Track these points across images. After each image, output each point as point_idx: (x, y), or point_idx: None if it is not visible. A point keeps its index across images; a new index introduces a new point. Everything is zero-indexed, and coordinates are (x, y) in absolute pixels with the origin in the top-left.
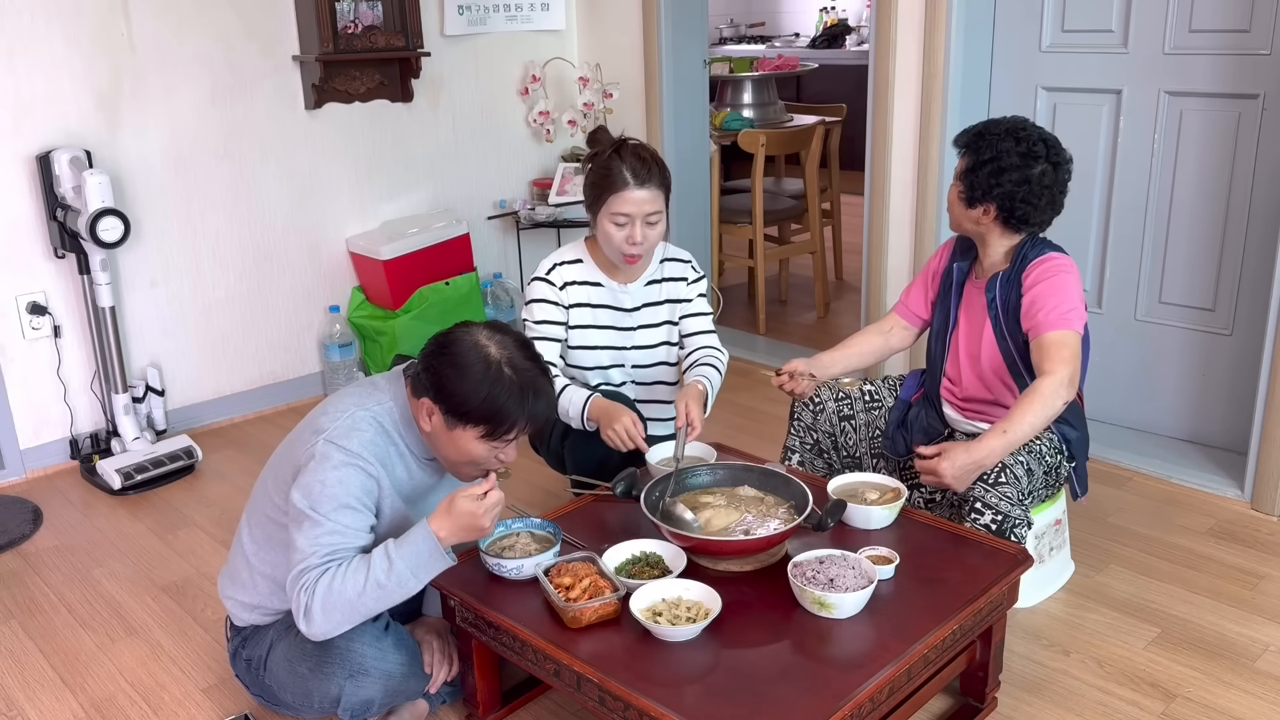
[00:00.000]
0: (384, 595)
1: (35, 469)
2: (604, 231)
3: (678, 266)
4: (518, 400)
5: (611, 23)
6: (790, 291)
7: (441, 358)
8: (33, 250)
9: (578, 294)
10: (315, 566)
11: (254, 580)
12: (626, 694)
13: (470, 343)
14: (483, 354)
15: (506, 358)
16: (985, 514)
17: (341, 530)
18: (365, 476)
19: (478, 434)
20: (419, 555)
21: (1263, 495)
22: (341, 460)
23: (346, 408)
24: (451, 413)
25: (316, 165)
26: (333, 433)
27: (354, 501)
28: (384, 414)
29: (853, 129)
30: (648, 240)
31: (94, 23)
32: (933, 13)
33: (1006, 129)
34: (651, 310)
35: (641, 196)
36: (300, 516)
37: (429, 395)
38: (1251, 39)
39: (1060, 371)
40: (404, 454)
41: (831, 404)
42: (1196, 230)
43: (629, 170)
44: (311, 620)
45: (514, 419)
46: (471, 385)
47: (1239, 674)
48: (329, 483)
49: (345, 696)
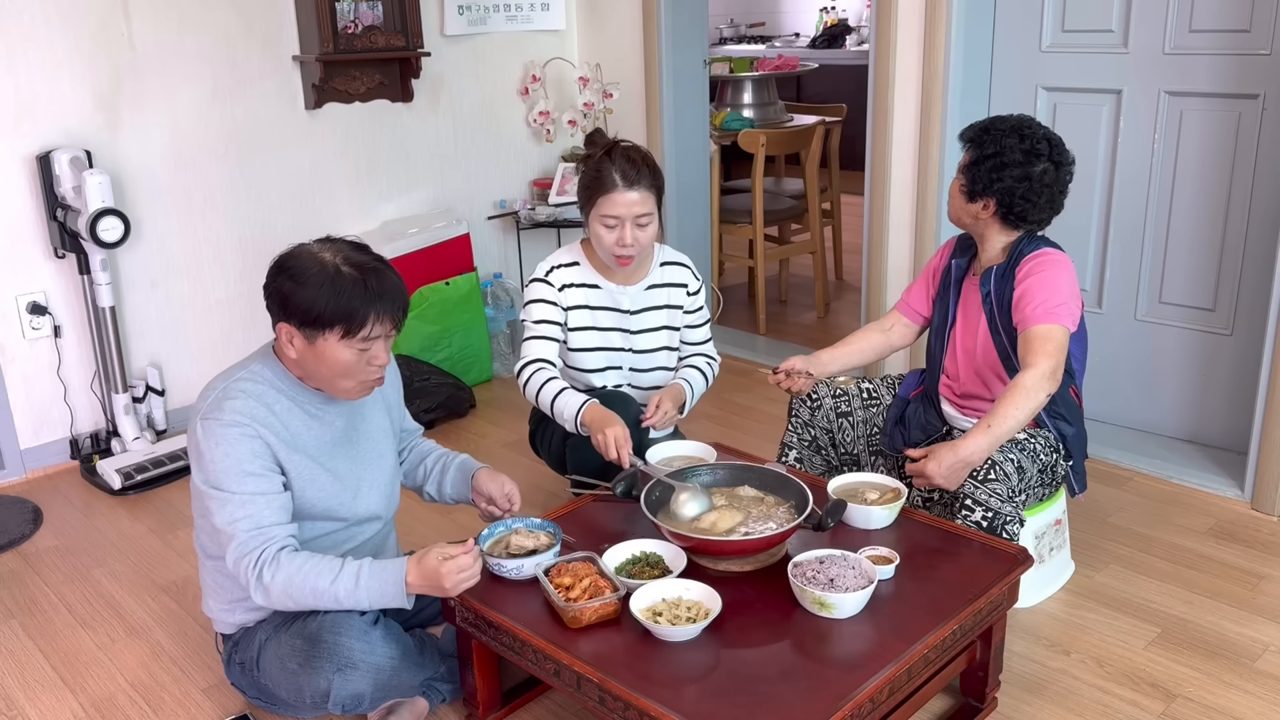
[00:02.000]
0: (337, 605)
1: (35, 469)
2: (595, 233)
3: (678, 271)
4: (361, 291)
5: (611, 23)
6: (790, 291)
7: (280, 276)
8: (33, 250)
9: (577, 296)
10: (246, 540)
11: (216, 578)
12: (626, 694)
13: (303, 254)
14: (317, 260)
15: (342, 257)
16: (976, 511)
17: (251, 497)
18: (250, 439)
19: (337, 336)
20: (385, 593)
21: (1263, 495)
22: (221, 432)
23: (214, 386)
24: (305, 324)
25: (316, 165)
26: (205, 410)
27: (250, 467)
28: (251, 376)
29: (853, 129)
30: (638, 242)
31: (94, 23)
32: (933, 13)
33: (1012, 126)
34: (651, 314)
35: (631, 198)
36: (209, 498)
37: (281, 318)
38: (1251, 39)
39: (1042, 365)
40: (289, 407)
41: (829, 401)
42: (1196, 230)
43: (618, 172)
44: (269, 593)
45: (363, 311)
46: (314, 290)
47: (1239, 674)
48: (218, 457)
49: (334, 690)
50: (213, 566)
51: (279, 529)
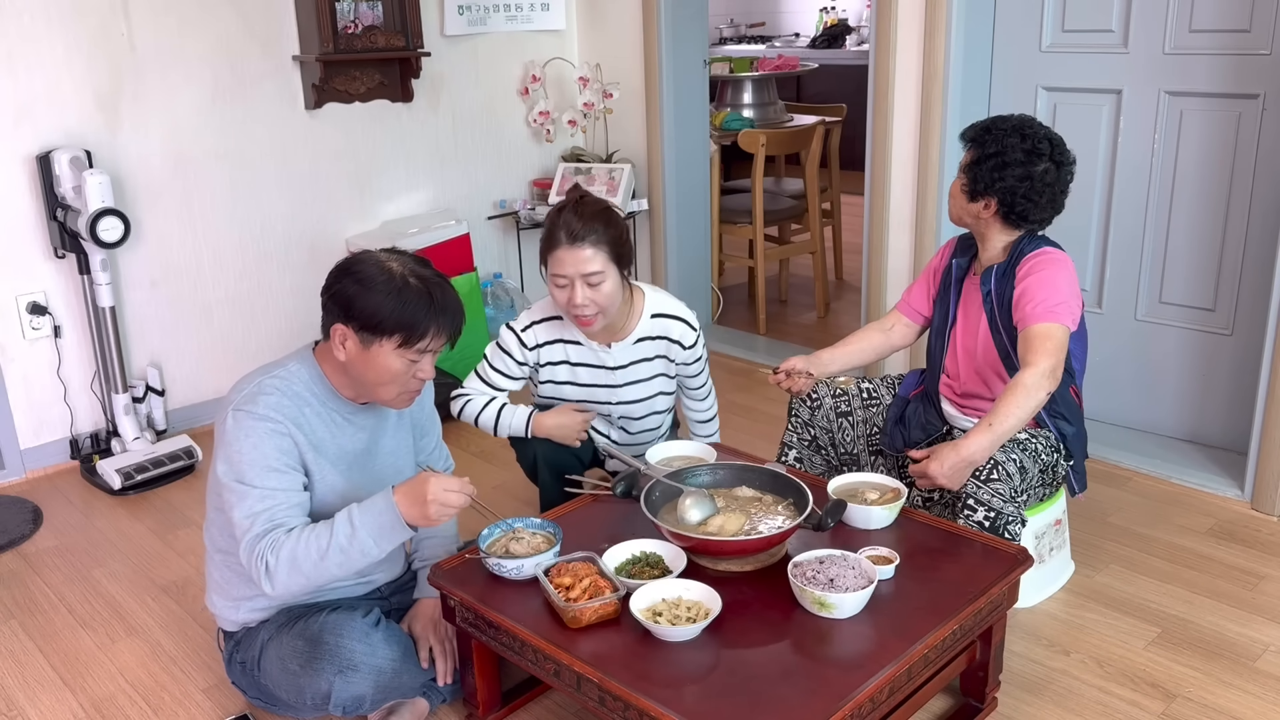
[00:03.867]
0: (346, 560)
1: (35, 469)
2: (551, 294)
3: (670, 324)
4: (426, 304)
5: (611, 23)
6: (790, 291)
7: (344, 279)
8: (33, 250)
9: (554, 353)
10: (261, 534)
11: (225, 574)
12: (626, 694)
13: (370, 260)
14: (385, 268)
15: (410, 269)
16: (978, 510)
17: (271, 493)
18: (279, 436)
19: (394, 344)
20: (381, 525)
21: (1263, 495)
22: (251, 425)
23: (250, 379)
24: (365, 328)
25: (316, 165)
26: (239, 401)
27: (276, 463)
28: (290, 376)
29: (853, 129)
30: (593, 302)
31: (94, 23)
32: (933, 13)
33: (1013, 125)
34: (641, 366)
35: (578, 255)
36: (230, 490)
37: (340, 319)
38: (1251, 39)
39: (1042, 363)
40: (319, 411)
41: (829, 400)
42: (1196, 230)
43: (564, 230)
44: (275, 581)
45: (425, 323)
46: (380, 297)
47: (1239, 674)
48: (245, 449)
49: (335, 692)
50: (221, 561)
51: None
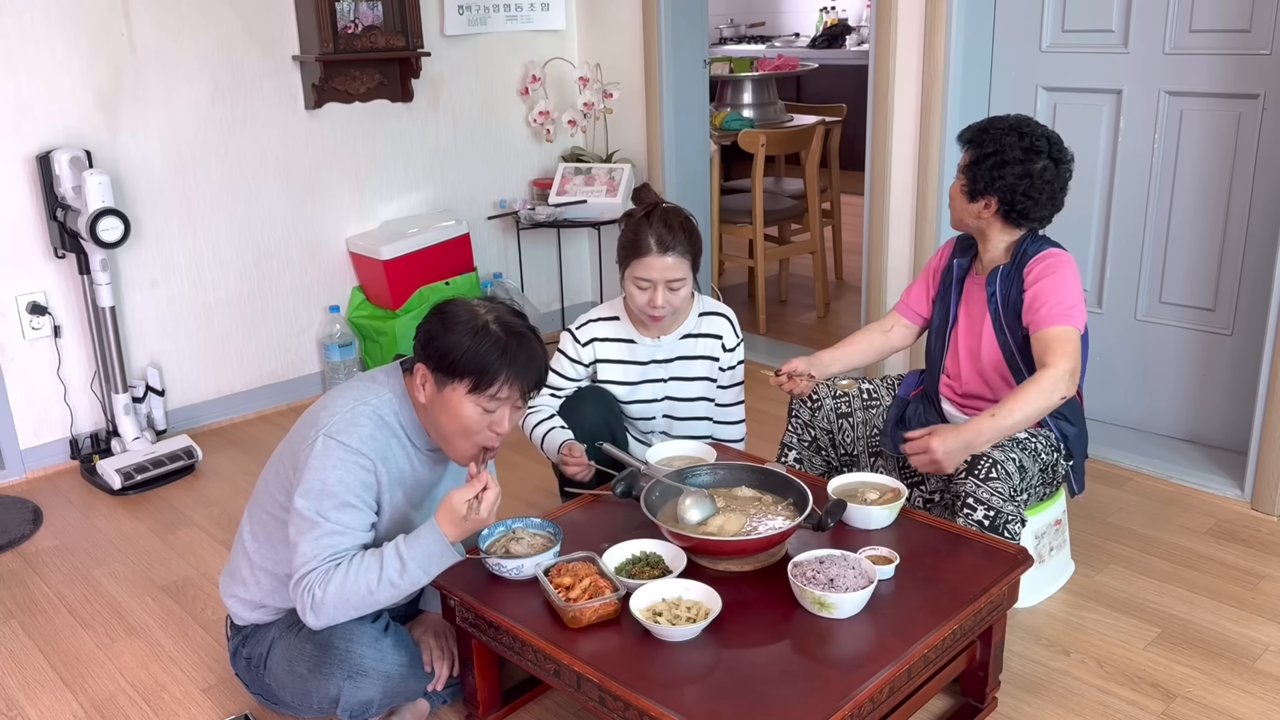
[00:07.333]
0: (396, 592)
1: (35, 469)
2: (629, 292)
3: (717, 322)
4: (500, 350)
5: (611, 23)
6: (790, 291)
7: (433, 319)
8: (33, 250)
9: (608, 350)
10: (317, 568)
11: (255, 577)
12: (626, 694)
13: (462, 304)
14: (471, 311)
15: (495, 316)
16: (978, 510)
17: (343, 530)
18: (364, 472)
19: (465, 388)
20: (430, 555)
21: (1263, 495)
22: (341, 457)
23: (347, 403)
24: (439, 369)
25: (316, 165)
26: (332, 428)
27: (354, 499)
28: (383, 406)
29: (853, 129)
30: (670, 304)
31: (94, 23)
32: (933, 13)
33: (1010, 125)
34: (687, 364)
35: (664, 263)
36: (301, 518)
37: (421, 358)
38: (1251, 39)
39: (1062, 365)
40: (404, 444)
41: (829, 401)
42: (1196, 230)
43: (654, 237)
44: (320, 614)
45: (496, 369)
46: (456, 336)
47: (1239, 674)
48: (329, 481)
49: (344, 697)
50: (259, 560)
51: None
